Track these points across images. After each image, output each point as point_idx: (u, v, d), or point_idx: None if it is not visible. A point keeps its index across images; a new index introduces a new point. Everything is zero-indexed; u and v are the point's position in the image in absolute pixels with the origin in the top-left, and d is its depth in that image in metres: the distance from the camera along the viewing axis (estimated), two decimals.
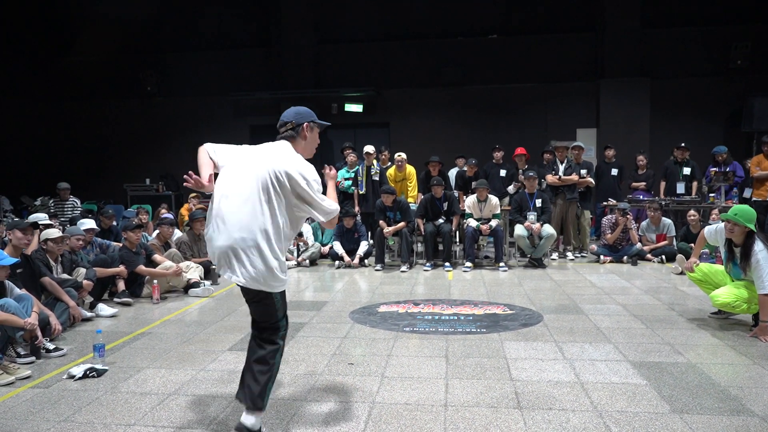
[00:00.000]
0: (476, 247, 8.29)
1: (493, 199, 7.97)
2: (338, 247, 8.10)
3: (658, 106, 11.62)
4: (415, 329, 4.77)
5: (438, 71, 12.28)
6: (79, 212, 9.23)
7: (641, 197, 9.11)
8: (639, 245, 8.10)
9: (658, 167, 9.59)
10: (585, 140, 11.01)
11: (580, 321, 4.94)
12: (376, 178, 8.69)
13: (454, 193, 8.59)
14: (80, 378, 3.64)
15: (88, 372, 3.68)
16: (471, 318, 5.11)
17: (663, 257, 7.97)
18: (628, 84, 11.54)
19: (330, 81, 12.73)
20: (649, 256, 8.09)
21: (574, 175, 8.42)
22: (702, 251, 6.44)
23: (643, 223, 8.46)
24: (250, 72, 13.08)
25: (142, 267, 6.10)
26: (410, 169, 8.77)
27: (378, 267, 7.76)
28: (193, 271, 6.55)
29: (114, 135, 13.67)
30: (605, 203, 9.08)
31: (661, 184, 9.28)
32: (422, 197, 8.37)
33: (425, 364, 3.85)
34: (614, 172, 9.38)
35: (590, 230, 9.17)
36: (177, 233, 7.65)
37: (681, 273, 6.93)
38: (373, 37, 12.72)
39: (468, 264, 7.70)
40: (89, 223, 6.47)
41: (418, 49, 12.51)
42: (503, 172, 9.17)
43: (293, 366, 3.86)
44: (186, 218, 9.59)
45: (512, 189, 8.84)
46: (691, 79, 11.66)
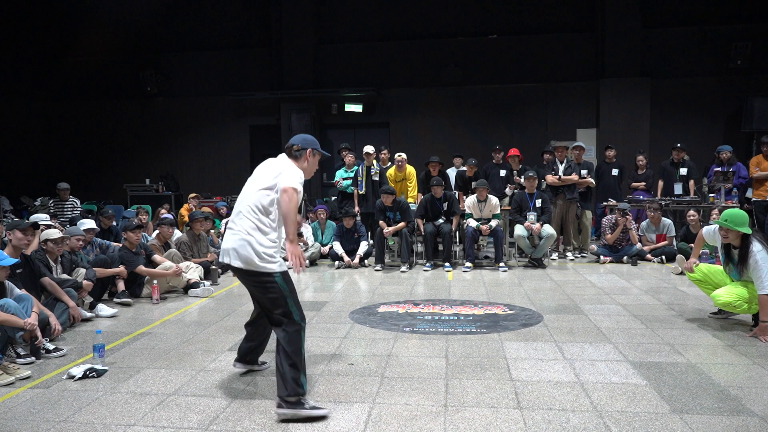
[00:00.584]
0: (476, 248, 8.30)
1: (493, 200, 7.97)
2: (338, 248, 8.10)
3: (658, 106, 11.63)
4: (415, 329, 4.77)
5: (438, 71, 12.29)
6: (79, 212, 9.23)
7: (641, 197, 9.11)
8: (639, 245, 8.10)
9: (658, 167, 9.60)
10: (585, 140, 11.01)
11: (580, 321, 4.94)
12: (376, 179, 8.69)
13: (454, 194, 8.59)
14: (80, 378, 3.63)
15: (88, 372, 3.68)
16: (471, 318, 5.11)
17: (663, 257, 7.97)
18: (628, 84, 11.54)
19: (330, 81, 12.74)
20: (649, 257, 8.09)
21: (574, 175, 8.42)
22: (702, 251, 6.44)
23: (643, 224, 8.46)
24: (250, 72, 13.09)
25: (142, 267, 6.09)
26: (410, 170, 8.76)
27: (378, 267, 7.76)
28: (193, 272, 6.55)
29: (114, 135, 13.68)
30: (605, 203, 9.08)
31: (659, 185, 9.29)
32: (422, 197, 8.37)
33: (425, 364, 3.85)
34: (615, 172, 9.38)
35: (591, 230, 9.18)
36: (177, 233, 7.65)
37: (681, 273, 6.93)
38: (373, 37, 12.72)
39: (468, 264, 7.70)
40: (89, 223, 6.46)
41: (418, 49, 12.51)
42: (503, 173, 9.18)
43: None
44: (186, 218, 9.60)
45: (508, 191, 8.84)
46: (691, 79, 11.67)
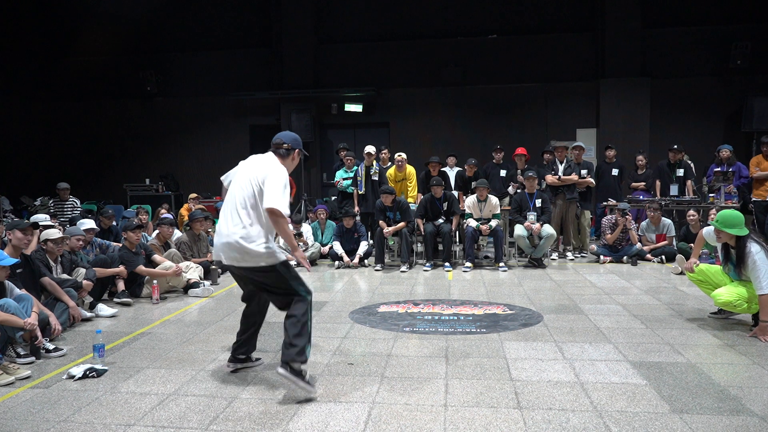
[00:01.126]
0: (476, 247, 8.30)
1: (493, 199, 7.97)
2: (338, 248, 8.10)
3: (658, 106, 11.63)
4: (415, 329, 4.77)
5: (438, 71, 12.29)
6: (79, 212, 9.23)
7: (641, 197, 9.11)
8: (639, 245, 8.10)
9: (655, 167, 9.60)
10: (585, 140, 11.01)
11: (580, 321, 4.94)
12: (376, 178, 8.69)
13: (454, 194, 8.59)
14: (80, 378, 3.64)
15: (88, 372, 3.68)
16: (471, 318, 5.11)
17: (663, 257, 7.97)
18: (628, 84, 11.54)
19: (330, 81, 12.74)
20: (649, 256, 8.10)
21: (574, 175, 8.43)
22: (702, 251, 6.44)
23: (643, 224, 8.46)
24: (250, 72, 13.09)
25: (142, 267, 6.09)
26: (410, 170, 8.76)
27: (378, 267, 7.76)
28: (193, 272, 6.55)
29: (114, 135, 13.68)
30: (605, 203, 9.08)
31: (657, 185, 9.29)
32: (422, 197, 8.37)
33: (425, 364, 3.85)
34: (615, 172, 9.38)
35: (590, 230, 9.18)
36: (177, 233, 7.65)
37: (681, 273, 6.93)
38: (373, 37, 12.72)
39: (468, 264, 7.70)
40: (89, 223, 6.47)
41: (418, 49, 12.51)
42: (503, 173, 9.18)
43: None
44: (186, 218, 9.60)
45: (511, 190, 8.84)
46: (691, 79, 11.67)
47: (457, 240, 8.36)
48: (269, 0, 12.90)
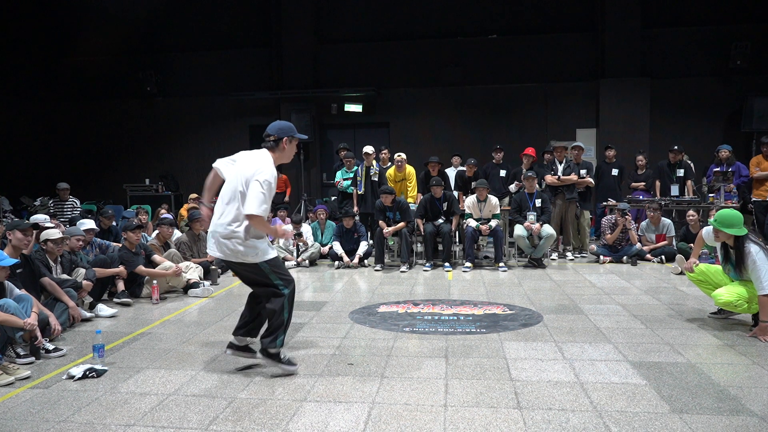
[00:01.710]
0: (476, 248, 8.29)
1: (493, 200, 7.97)
2: (338, 248, 8.10)
3: (658, 106, 11.62)
4: (415, 329, 4.77)
5: (438, 71, 12.29)
6: (79, 212, 9.23)
7: (641, 197, 9.11)
8: (638, 245, 8.11)
9: (655, 168, 9.60)
10: (585, 140, 11.01)
11: (580, 321, 4.94)
12: (375, 179, 8.69)
13: (454, 194, 8.59)
14: (80, 378, 3.64)
15: (88, 372, 3.68)
16: (471, 318, 5.11)
17: (662, 257, 7.98)
18: (628, 84, 11.54)
19: (330, 81, 12.73)
20: (649, 256, 8.10)
21: (573, 175, 8.43)
22: (702, 251, 6.44)
23: (643, 224, 8.46)
24: (250, 72, 13.08)
25: (142, 267, 6.09)
26: (410, 170, 8.76)
27: (377, 267, 7.76)
28: (193, 272, 6.55)
29: (114, 135, 13.67)
30: (605, 203, 9.08)
31: (656, 185, 9.30)
32: (422, 197, 8.37)
33: (425, 365, 3.85)
34: (614, 172, 9.39)
35: (590, 230, 9.18)
36: (176, 233, 7.65)
37: (681, 273, 6.93)
38: (373, 37, 12.72)
39: (468, 264, 7.70)
40: (89, 224, 6.47)
41: (418, 49, 12.51)
42: (503, 173, 9.18)
43: None
44: (185, 218, 9.60)
45: (514, 188, 8.84)
46: (691, 79, 11.66)
47: (457, 240, 8.36)
48: (269, 0, 12.90)
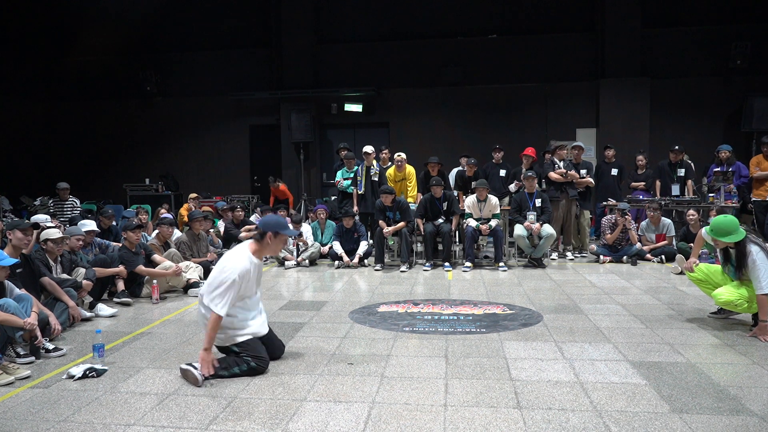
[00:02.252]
0: (476, 247, 8.29)
1: (493, 199, 7.97)
2: (338, 247, 8.10)
3: (658, 106, 11.63)
4: (415, 329, 4.77)
5: (438, 71, 12.29)
6: (79, 212, 9.23)
7: (641, 197, 9.11)
8: (638, 245, 8.10)
9: (656, 167, 9.61)
10: (585, 140, 11.01)
11: (580, 321, 4.94)
12: (376, 179, 8.69)
13: (454, 193, 8.59)
14: (80, 378, 3.63)
15: (88, 372, 3.68)
16: (471, 318, 5.11)
17: (662, 257, 7.98)
18: (628, 84, 11.54)
19: (330, 81, 12.74)
20: (649, 256, 8.09)
21: (573, 172, 8.47)
22: (702, 251, 6.44)
23: (643, 223, 8.47)
24: (250, 72, 13.09)
25: (142, 267, 6.09)
26: (410, 169, 8.76)
27: (377, 267, 7.76)
28: (193, 271, 6.55)
29: (114, 135, 13.68)
30: (605, 203, 9.08)
31: (657, 185, 9.30)
32: (422, 197, 8.37)
33: (425, 364, 3.85)
34: (614, 172, 9.39)
35: (590, 230, 9.19)
36: (176, 233, 7.64)
37: (681, 273, 6.93)
38: (373, 37, 12.72)
39: (467, 264, 7.70)
40: (90, 225, 6.46)
41: (418, 49, 12.51)
42: (503, 172, 9.18)
43: (293, 366, 3.86)
44: (185, 218, 9.59)
45: (513, 187, 8.84)
46: (691, 79, 11.67)
47: (457, 240, 8.36)
48: (269, 0, 12.91)
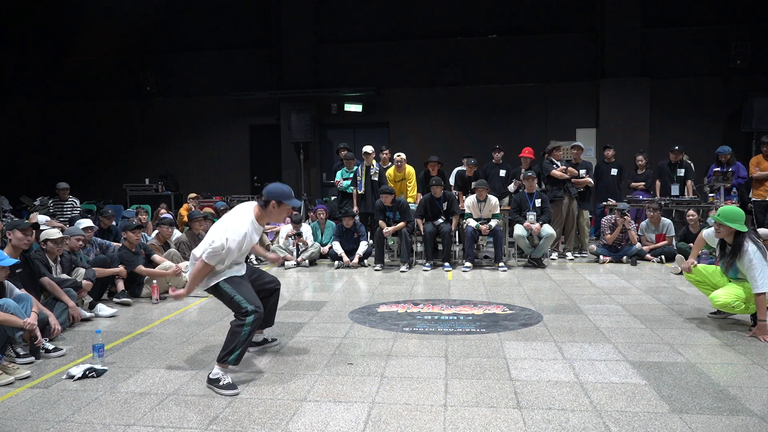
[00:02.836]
0: (476, 247, 8.29)
1: (493, 199, 7.97)
2: (337, 247, 8.10)
3: (658, 106, 11.63)
4: (415, 329, 4.77)
5: (438, 71, 12.29)
6: (79, 212, 9.23)
7: (641, 197, 9.12)
8: (638, 245, 8.11)
9: (656, 167, 9.61)
10: (585, 140, 11.02)
11: (580, 321, 4.94)
12: (375, 179, 8.69)
13: (454, 193, 8.59)
14: (79, 378, 3.63)
15: (88, 372, 3.68)
16: (470, 318, 5.11)
17: (662, 257, 7.98)
18: (628, 84, 11.54)
19: (330, 81, 12.74)
20: (649, 256, 8.10)
21: (572, 170, 8.49)
22: (702, 251, 6.43)
23: (643, 223, 8.47)
24: (250, 72, 13.09)
25: (142, 267, 6.09)
26: (409, 169, 8.76)
27: (377, 267, 7.76)
28: None
29: (114, 135, 13.68)
30: (605, 203, 9.09)
31: (657, 185, 9.31)
32: (422, 197, 8.37)
33: (425, 364, 3.85)
34: (614, 172, 9.40)
35: (590, 230, 9.19)
36: (176, 233, 7.65)
37: (680, 273, 6.92)
38: (373, 37, 12.72)
39: (467, 264, 7.70)
40: (86, 222, 6.47)
41: (418, 49, 12.51)
42: (503, 173, 9.18)
43: (293, 366, 3.86)
44: (185, 218, 9.59)
45: (512, 187, 8.84)
46: (691, 79, 11.67)
47: (457, 240, 8.36)
48: (269, 0, 12.91)
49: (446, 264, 7.77)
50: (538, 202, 7.95)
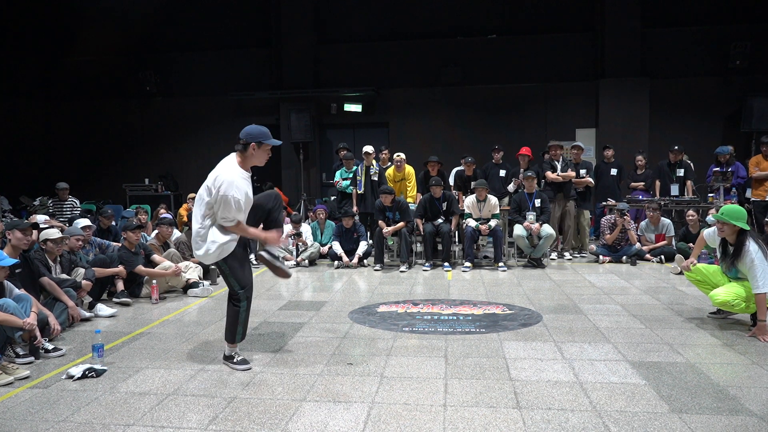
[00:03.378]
0: (475, 247, 8.29)
1: (493, 199, 7.97)
2: (337, 247, 8.10)
3: (658, 106, 11.62)
4: (415, 329, 4.77)
5: (438, 71, 12.28)
6: (78, 212, 9.23)
7: (640, 197, 9.12)
8: (638, 245, 8.11)
9: (656, 167, 9.61)
10: (584, 140, 11.01)
11: (579, 321, 4.94)
12: (375, 178, 8.69)
13: (453, 193, 8.59)
14: (79, 378, 3.63)
15: (87, 372, 3.68)
16: (470, 318, 5.11)
17: (662, 257, 7.98)
18: (628, 84, 11.54)
19: (329, 81, 12.73)
20: (648, 256, 8.10)
21: (571, 171, 8.47)
22: (702, 251, 6.44)
23: (642, 223, 8.47)
24: (250, 72, 13.08)
25: (141, 267, 6.09)
26: (409, 169, 8.76)
27: (377, 267, 7.76)
28: (192, 271, 6.55)
29: (113, 135, 13.66)
30: (605, 203, 9.09)
31: (656, 185, 9.31)
32: (421, 197, 8.37)
33: (424, 364, 3.85)
34: (613, 172, 9.40)
35: (590, 230, 9.18)
36: (176, 233, 7.64)
37: (680, 273, 6.92)
38: (373, 37, 12.72)
39: (467, 264, 7.70)
40: (83, 221, 6.47)
41: (418, 49, 12.50)
42: (503, 173, 9.17)
43: (292, 366, 3.86)
44: (185, 218, 9.60)
45: (511, 187, 8.84)
46: (691, 79, 11.66)
47: (457, 240, 8.36)
48: (269, 0, 12.90)
49: (446, 264, 7.77)
50: (538, 202, 7.95)
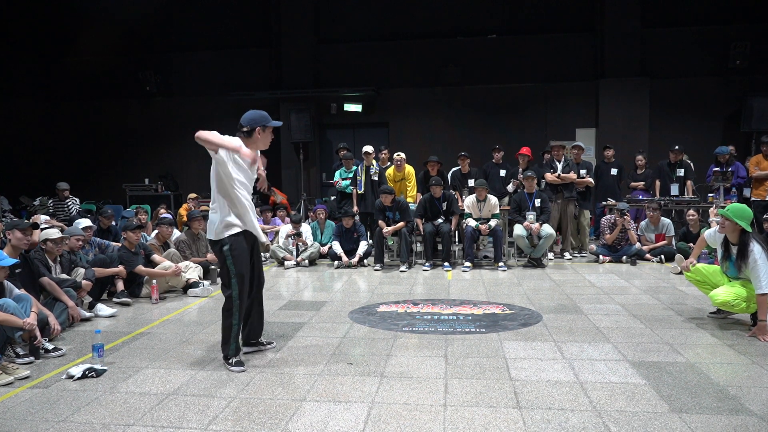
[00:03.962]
0: (475, 247, 8.29)
1: (492, 199, 7.97)
2: (337, 247, 8.10)
3: (658, 106, 11.62)
4: (415, 329, 4.77)
5: (438, 71, 12.29)
6: (78, 212, 9.23)
7: (640, 197, 9.12)
8: (638, 245, 8.11)
9: (656, 167, 9.61)
10: (584, 140, 11.00)
11: (580, 321, 4.94)
12: (375, 178, 8.69)
13: (453, 193, 8.58)
14: (79, 378, 3.63)
15: (87, 372, 3.68)
16: (470, 318, 5.11)
17: (662, 257, 7.98)
18: (628, 84, 11.54)
19: (329, 81, 12.73)
20: (648, 256, 8.10)
21: (572, 173, 8.45)
22: (702, 251, 6.44)
23: (642, 223, 8.47)
24: (250, 72, 13.08)
25: (141, 267, 6.09)
26: (409, 169, 8.75)
27: (377, 267, 7.76)
28: (192, 271, 6.54)
29: (113, 135, 13.67)
30: (605, 203, 9.09)
31: (656, 184, 9.31)
32: (421, 197, 8.37)
33: (424, 364, 3.85)
34: (614, 172, 9.40)
35: (590, 230, 9.18)
36: (176, 233, 7.64)
37: (680, 273, 6.92)
38: (373, 37, 12.72)
39: (467, 264, 7.70)
40: (85, 222, 6.47)
41: (418, 49, 12.51)
42: (503, 173, 9.17)
43: (292, 366, 3.86)
44: (185, 218, 9.59)
45: (511, 187, 8.84)
46: (691, 79, 11.66)
47: (457, 240, 8.36)
48: (269, 0, 12.90)
49: (446, 264, 7.77)
50: (538, 202, 7.95)
